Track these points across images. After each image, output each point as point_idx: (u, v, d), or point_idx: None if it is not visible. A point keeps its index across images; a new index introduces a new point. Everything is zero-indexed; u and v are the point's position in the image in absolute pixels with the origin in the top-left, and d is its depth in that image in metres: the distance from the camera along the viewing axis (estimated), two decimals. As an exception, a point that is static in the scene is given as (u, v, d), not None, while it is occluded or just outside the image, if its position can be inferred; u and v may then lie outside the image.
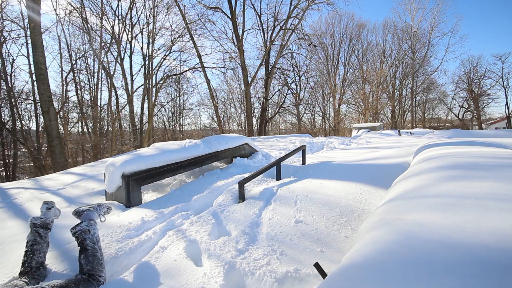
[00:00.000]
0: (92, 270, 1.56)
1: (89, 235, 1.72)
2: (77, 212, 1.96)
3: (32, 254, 1.66)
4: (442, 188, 1.39)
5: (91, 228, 1.77)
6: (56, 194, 3.56)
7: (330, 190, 2.69)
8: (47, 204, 1.98)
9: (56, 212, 2.02)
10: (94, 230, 1.79)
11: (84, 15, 14.51)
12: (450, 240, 0.83)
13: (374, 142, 8.24)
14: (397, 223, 1.06)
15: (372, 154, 4.45)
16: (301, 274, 1.53)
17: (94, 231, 1.77)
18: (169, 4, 16.08)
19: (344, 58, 28.63)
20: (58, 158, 8.00)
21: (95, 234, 1.77)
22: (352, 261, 0.91)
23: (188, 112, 26.63)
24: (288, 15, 17.39)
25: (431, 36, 26.86)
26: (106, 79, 17.57)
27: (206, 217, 2.34)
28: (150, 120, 17.01)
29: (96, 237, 1.75)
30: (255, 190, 2.94)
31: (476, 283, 0.62)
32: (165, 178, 3.57)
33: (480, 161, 1.99)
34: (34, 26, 7.45)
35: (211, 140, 4.27)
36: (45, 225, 1.82)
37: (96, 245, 1.69)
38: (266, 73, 20.69)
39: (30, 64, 13.96)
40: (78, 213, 1.95)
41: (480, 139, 3.75)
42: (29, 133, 14.97)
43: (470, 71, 28.76)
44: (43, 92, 7.71)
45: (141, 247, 1.96)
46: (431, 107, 33.18)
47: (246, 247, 1.84)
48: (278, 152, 6.30)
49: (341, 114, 27.82)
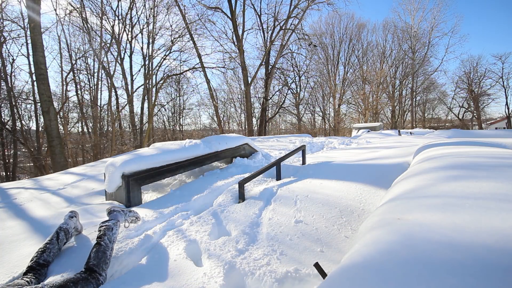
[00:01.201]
0: (97, 266, 1.60)
1: (109, 233, 1.81)
2: (109, 210, 2.08)
3: (43, 251, 1.72)
4: (442, 188, 1.39)
5: (114, 227, 1.88)
6: (56, 194, 3.56)
7: (330, 190, 2.69)
8: (71, 213, 2.09)
9: (77, 225, 2.08)
10: (116, 230, 1.89)
11: (84, 15, 14.52)
12: (450, 240, 0.83)
13: (374, 142, 8.24)
14: (397, 223, 1.06)
15: (372, 154, 4.45)
16: (301, 274, 1.53)
17: (115, 231, 1.88)
18: (169, 4, 16.10)
19: (344, 58, 28.65)
20: (58, 158, 8.00)
21: (115, 234, 1.86)
22: (352, 261, 0.91)
23: (188, 112, 26.65)
24: (288, 15, 17.39)
25: (431, 36, 26.87)
26: (106, 79, 17.57)
27: (206, 217, 2.34)
28: (150, 120, 17.01)
29: (114, 237, 1.83)
30: (255, 190, 2.94)
31: (476, 283, 0.62)
32: (165, 178, 3.57)
33: (480, 161, 1.99)
34: (34, 26, 7.45)
35: (211, 140, 4.27)
36: (66, 231, 1.93)
37: (110, 244, 1.76)
38: (266, 73, 20.69)
39: (30, 64, 13.96)
40: (110, 211, 2.06)
41: (480, 139, 3.75)
42: (29, 133, 14.96)
43: (470, 71, 28.76)
44: (43, 92, 7.71)
45: (141, 247, 1.96)
46: (431, 107, 33.20)
47: (246, 247, 1.84)
48: (278, 152, 6.30)
49: (341, 114, 27.81)
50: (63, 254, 1.88)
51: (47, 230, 2.26)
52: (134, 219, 2.20)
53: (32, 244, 2.05)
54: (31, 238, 2.17)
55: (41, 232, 2.27)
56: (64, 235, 1.89)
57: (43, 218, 2.59)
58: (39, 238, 2.16)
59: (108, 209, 2.10)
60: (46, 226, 2.39)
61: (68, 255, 1.87)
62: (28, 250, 1.97)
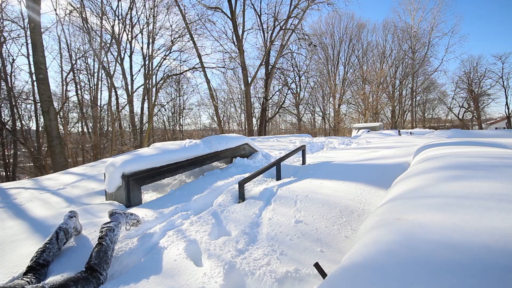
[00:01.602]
0: (98, 265, 1.62)
1: (111, 234, 1.84)
2: (111, 213, 2.11)
3: (43, 251, 1.73)
4: (442, 188, 1.39)
5: (116, 228, 1.91)
6: (56, 194, 3.56)
7: (330, 190, 2.69)
8: (70, 213, 2.11)
9: (77, 225, 2.09)
10: (117, 231, 1.92)
11: (84, 15, 14.52)
12: (450, 240, 0.83)
13: (374, 142, 8.24)
14: (397, 223, 1.06)
15: (372, 154, 4.45)
16: (301, 274, 1.53)
17: (116, 232, 1.90)
18: (169, 4, 16.09)
19: (344, 58, 28.64)
20: (58, 158, 8.00)
21: (116, 235, 1.88)
22: (352, 261, 0.91)
23: (188, 112, 26.63)
24: (288, 15, 17.39)
25: (431, 36, 26.86)
26: (106, 79, 17.55)
27: (206, 217, 2.34)
28: (150, 120, 17.01)
29: (115, 238, 1.86)
30: (255, 190, 2.94)
31: (476, 283, 0.62)
32: (165, 178, 3.57)
33: (480, 161, 1.99)
34: (34, 26, 7.45)
35: (211, 140, 4.27)
36: (66, 231, 1.94)
37: (111, 245, 1.78)
38: (266, 73, 20.68)
39: (30, 64, 13.95)
40: (111, 213, 2.10)
41: (480, 139, 3.75)
42: (29, 133, 14.95)
43: (470, 71, 28.75)
44: (43, 92, 7.71)
45: (141, 247, 1.96)
46: (431, 107, 33.19)
47: (246, 247, 1.84)
48: (278, 152, 6.30)
49: (341, 114, 27.81)
50: (63, 254, 1.89)
51: (46, 230, 2.26)
52: (135, 222, 2.21)
53: (31, 244, 2.05)
54: (31, 238, 2.17)
55: (41, 232, 2.27)
56: (63, 235, 1.90)
57: (43, 218, 2.59)
58: (38, 238, 2.16)
59: (110, 211, 2.13)
60: (46, 226, 2.39)
61: (68, 255, 1.88)
62: (27, 250, 1.97)
